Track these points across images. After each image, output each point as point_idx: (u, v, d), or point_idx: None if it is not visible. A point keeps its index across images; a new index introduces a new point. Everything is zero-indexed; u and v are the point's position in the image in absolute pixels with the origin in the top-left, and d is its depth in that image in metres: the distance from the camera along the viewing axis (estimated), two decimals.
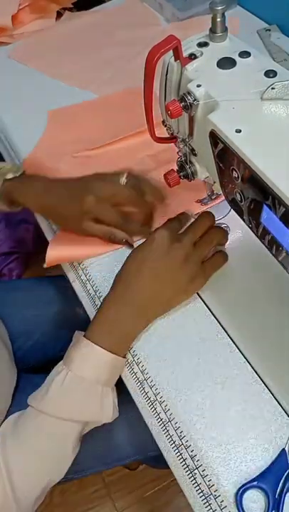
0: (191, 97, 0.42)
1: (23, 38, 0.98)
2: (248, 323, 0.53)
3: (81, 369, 0.49)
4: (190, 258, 0.52)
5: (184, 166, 0.53)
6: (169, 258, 0.51)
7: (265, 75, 0.40)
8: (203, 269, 0.53)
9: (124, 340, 0.52)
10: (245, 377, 0.50)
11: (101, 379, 0.49)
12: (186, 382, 0.50)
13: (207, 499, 0.44)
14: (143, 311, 0.52)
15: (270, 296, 0.54)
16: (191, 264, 0.52)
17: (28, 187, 0.62)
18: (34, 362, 0.79)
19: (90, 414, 0.50)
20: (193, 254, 0.52)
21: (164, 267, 0.51)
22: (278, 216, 0.36)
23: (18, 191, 0.61)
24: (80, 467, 0.70)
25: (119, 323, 0.51)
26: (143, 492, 1.16)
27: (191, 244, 0.52)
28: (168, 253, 0.51)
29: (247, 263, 0.57)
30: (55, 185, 0.60)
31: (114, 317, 0.51)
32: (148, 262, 0.51)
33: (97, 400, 0.49)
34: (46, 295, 0.81)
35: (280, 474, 0.44)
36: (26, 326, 0.78)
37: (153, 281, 0.51)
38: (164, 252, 0.51)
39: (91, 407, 0.49)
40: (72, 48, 0.94)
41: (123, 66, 0.87)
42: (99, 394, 0.49)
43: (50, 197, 0.59)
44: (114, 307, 0.51)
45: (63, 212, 0.58)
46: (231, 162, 0.39)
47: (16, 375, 0.69)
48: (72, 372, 0.49)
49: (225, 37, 0.44)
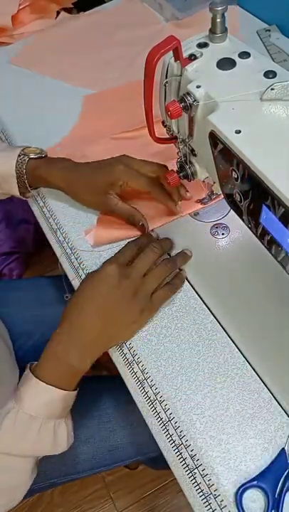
0: (191, 98, 0.42)
1: (23, 39, 0.98)
2: (247, 323, 0.53)
3: (32, 408, 0.48)
4: (138, 294, 0.52)
5: (183, 167, 0.53)
6: (116, 295, 0.51)
7: (264, 75, 0.40)
8: (151, 302, 0.53)
9: (73, 375, 0.51)
10: (244, 377, 0.50)
11: (53, 415, 0.49)
12: (186, 382, 0.51)
13: (207, 499, 0.44)
14: (90, 348, 0.51)
15: (269, 296, 0.54)
16: (139, 300, 0.52)
17: (55, 163, 0.63)
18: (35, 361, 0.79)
19: (43, 450, 0.50)
20: (142, 290, 0.52)
21: (111, 303, 0.51)
22: (278, 216, 0.36)
23: (44, 167, 0.63)
24: (81, 468, 0.71)
25: (66, 360, 0.50)
26: (143, 492, 1.16)
27: (140, 278, 0.52)
28: (116, 289, 0.51)
29: (246, 263, 0.57)
30: (83, 164, 0.62)
31: (62, 354, 0.50)
32: (96, 299, 0.51)
33: (50, 435, 0.49)
34: (47, 295, 0.81)
35: (280, 474, 0.44)
36: (27, 326, 0.78)
37: (100, 318, 0.51)
38: (111, 288, 0.51)
39: (44, 443, 0.49)
40: (73, 48, 0.94)
41: (124, 66, 0.87)
42: (51, 429, 0.49)
43: (78, 170, 0.61)
44: (61, 344, 0.51)
45: (92, 184, 0.60)
46: (231, 162, 0.40)
47: (18, 374, 0.70)
48: (23, 412, 0.48)
49: (225, 37, 0.44)
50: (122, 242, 0.61)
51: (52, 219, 0.67)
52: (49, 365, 0.50)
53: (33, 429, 0.48)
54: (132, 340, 0.54)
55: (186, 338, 0.54)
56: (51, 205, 0.68)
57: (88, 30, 0.97)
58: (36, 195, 0.70)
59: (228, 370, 0.51)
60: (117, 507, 1.15)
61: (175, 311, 0.55)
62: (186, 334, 0.54)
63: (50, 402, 0.49)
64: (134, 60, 0.87)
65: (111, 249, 0.62)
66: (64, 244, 0.64)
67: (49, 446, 0.49)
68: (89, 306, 0.51)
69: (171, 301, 0.56)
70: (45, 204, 0.69)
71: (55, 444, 0.50)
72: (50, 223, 0.67)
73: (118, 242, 0.62)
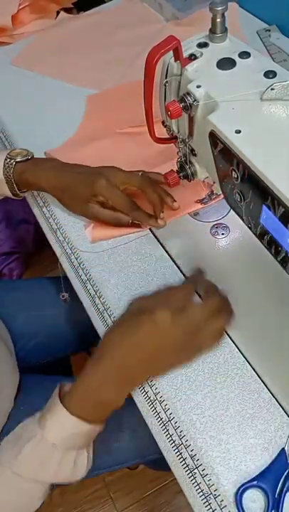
0: (191, 98, 0.42)
1: (23, 39, 0.98)
2: (247, 323, 0.53)
3: (55, 437, 0.46)
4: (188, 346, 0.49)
5: (183, 167, 0.53)
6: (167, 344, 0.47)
7: (264, 75, 0.40)
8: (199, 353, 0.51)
9: (104, 410, 0.48)
10: (244, 377, 0.50)
11: (76, 445, 0.47)
12: (186, 382, 0.51)
13: (207, 499, 0.44)
14: (127, 385, 0.49)
15: (269, 296, 0.54)
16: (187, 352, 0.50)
17: (41, 167, 0.63)
18: (36, 362, 0.79)
19: (62, 478, 0.47)
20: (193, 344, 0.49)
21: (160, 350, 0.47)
22: (277, 216, 0.36)
23: (31, 171, 0.62)
24: None
25: (100, 394, 0.47)
26: (143, 492, 1.16)
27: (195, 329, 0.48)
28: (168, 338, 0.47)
29: (246, 263, 0.57)
30: (68, 167, 0.62)
31: (96, 387, 0.47)
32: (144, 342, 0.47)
33: (70, 465, 0.47)
34: (47, 296, 0.81)
35: (280, 474, 0.44)
36: (28, 327, 0.78)
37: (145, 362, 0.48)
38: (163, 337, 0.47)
39: (63, 472, 0.47)
40: (73, 48, 0.94)
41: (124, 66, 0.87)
42: (72, 459, 0.47)
43: (64, 177, 0.60)
44: (96, 377, 0.47)
45: (74, 192, 0.60)
46: (231, 162, 0.40)
47: (18, 376, 0.70)
48: (46, 439, 0.45)
49: (225, 37, 0.44)
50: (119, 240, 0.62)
51: (52, 219, 0.67)
52: (80, 396, 0.47)
53: (54, 459, 0.46)
54: None
55: None
56: (51, 205, 0.68)
57: (88, 30, 0.97)
58: (36, 195, 0.70)
59: (228, 370, 0.51)
60: (116, 507, 1.15)
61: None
62: None
63: (75, 435, 0.46)
64: (134, 60, 0.87)
65: (111, 248, 0.62)
66: (64, 244, 0.64)
67: (68, 474, 0.47)
68: (135, 347, 0.47)
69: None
70: (45, 204, 0.69)
71: (74, 472, 0.47)
72: (50, 223, 0.67)
73: (118, 242, 0.62)
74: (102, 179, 0.57)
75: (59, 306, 0.80)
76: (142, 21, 0.96)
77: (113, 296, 0.58)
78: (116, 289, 0.59)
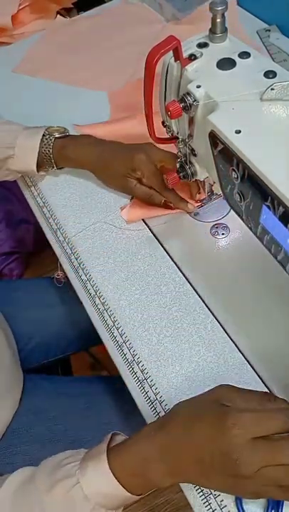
0: (190, 98, 0.42)
1: (23, 39, 0.98)
2: (247, 324, 0.53)
3: (90, 490, 0.42)
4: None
5: (183, 167, 0.54)
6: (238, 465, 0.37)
7: (264, 75, 0.40)
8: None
9: (146, 486, 0.43)
10: (245, 377, 0.50)
11: (107, 506, 0.43)
12: (186, 382, 0.51)
13: (207, 498, 0.44)
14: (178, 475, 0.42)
15: (269, 296, 0.54)
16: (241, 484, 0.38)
17: (81, 142, 0.65)
18: (36, 362, 0.79)
19: None
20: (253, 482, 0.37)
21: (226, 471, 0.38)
22: (277, 216, 0.36)
23: (71, 147, 0.64)
24: None
25: (148, 471, 0.41)
26: None
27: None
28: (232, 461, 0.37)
29: (246, 263, 0.57)
30: (108, 143, 0.64)
31: (146, 462, 0.41)
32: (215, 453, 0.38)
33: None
34: (47, 296, 0.81)
35: None
36: (28, 327, 0.78)
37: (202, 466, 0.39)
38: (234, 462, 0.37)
39: None
40: (73, 48, 0.94)
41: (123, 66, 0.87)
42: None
43: (103, 151, 0.62)
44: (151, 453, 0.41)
45: (113, 167, 0.61)
46: (231, 162, 0.40)
47: (21, 376, 0.70)
48: (81, 488, 0.42)
49: (225, 37, 0.44)
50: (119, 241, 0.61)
51: (52, 219, 0.67)
52: (128, 464, 0.42)
53: (81, 510, 0.42)
54: (132, 341, 0.54)
55: (186, 338, 0.54)
56: (51, 205, 0.68)
57: (88, 30, 0.97)
58: (36, 196, 0.70)
59: (228, 370, 0.51)
60: None
61: (175, 311, 0.55)
62: (186, 334, 0.54)
63: (110, 496, 0.42)
64: (134, 60, 0.87)
65: (112, 249, 0.62)
66: (64, 244, 0.64)
67: None
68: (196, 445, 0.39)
69: (172, 301, 0.56)
70: (45, 204, 0.69)
71: None
72: (50, 223, 0.67)
73: (118, 242, 0.62)
74: (142, 154, 0.59)
75: (59, 306, 0.80)
76: (141, 21, 0.96)
77: (113, 296, 0.58)
78: (116, 289, 0.59)
